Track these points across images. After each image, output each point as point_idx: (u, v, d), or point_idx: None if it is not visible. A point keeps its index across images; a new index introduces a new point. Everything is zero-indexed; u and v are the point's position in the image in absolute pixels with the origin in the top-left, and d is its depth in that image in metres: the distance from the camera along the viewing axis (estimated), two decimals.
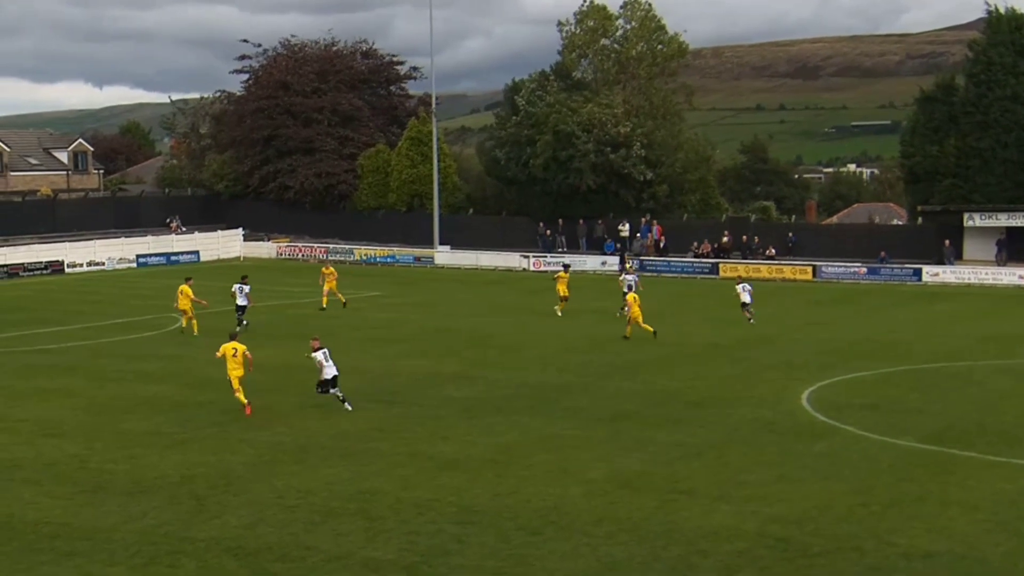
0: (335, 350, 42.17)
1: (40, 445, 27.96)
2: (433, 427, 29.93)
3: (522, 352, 42.61)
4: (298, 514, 22.35)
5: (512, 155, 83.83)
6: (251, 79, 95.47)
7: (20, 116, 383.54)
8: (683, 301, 58.80)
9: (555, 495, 23.50)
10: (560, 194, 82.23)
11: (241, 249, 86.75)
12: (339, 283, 55.76)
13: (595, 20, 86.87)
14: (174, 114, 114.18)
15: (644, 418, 31.03)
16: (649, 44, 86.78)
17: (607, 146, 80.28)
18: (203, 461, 26.31)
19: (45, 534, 21.23)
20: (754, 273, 71.16)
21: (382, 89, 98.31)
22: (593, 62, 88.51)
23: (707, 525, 21.66)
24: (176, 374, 37.94)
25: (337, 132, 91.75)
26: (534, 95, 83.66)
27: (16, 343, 45.31)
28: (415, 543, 20.70)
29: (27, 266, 73.74)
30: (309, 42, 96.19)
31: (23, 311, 55.42)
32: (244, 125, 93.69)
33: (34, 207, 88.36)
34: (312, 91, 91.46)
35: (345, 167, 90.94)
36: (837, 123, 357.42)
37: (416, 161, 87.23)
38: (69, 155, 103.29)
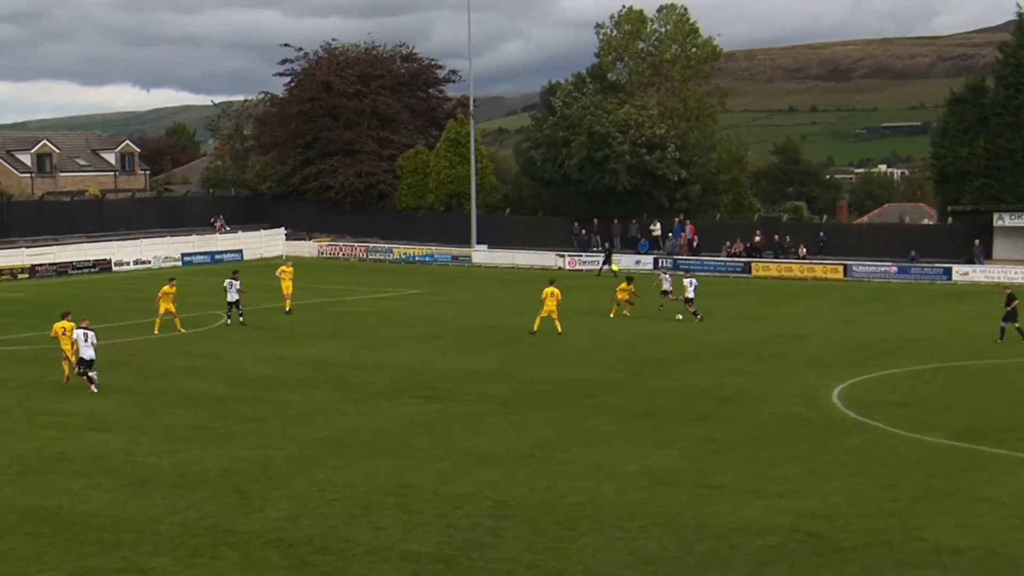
0: (373, 347, 42.87)
1: (88, 439, 28.46)
2: (470, 422, 30.29)
3: (557, 349, 42.85)
4: (338, 507, 22.67)
5: (548, 156, 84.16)
6: (293, 82, 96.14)
7: (69, 118, 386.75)
8: (716, 299, 58.86)
9: (590, 490, 23.74)
10: (595, 194, 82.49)
11: (283, 248, 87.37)
12: (369, 281, 55.82)
13: (631, 23, 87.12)
14: (218, 116, 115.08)
15: (677, 414, 31.30)
16: (683, 47, 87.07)
17: (642, 147, 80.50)
18: (245, 455, 26.72)
19: (93, 526, 21.60)
20: (785, 272, 71.41)
21: (421, 92, 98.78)
22: (628, 64, 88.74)
23: (739, 520, 21.82)
24: (219, 370, 38.45)
25: (377, 134, 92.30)
26: (570, 97, 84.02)
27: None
28: (452, 536, 20.97)
29: (75, 264, 74.59)
30: (350, 45, 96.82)
31: (72, 308, 55.87)
32: (287, 127, 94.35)
33: (82, 207, 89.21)
34: (353, 93, 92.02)
35: (385, 168, 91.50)
36: (868, 124, 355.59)
37: (454, 162, 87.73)
38: (116, 156, 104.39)
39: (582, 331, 47.55)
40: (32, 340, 45.87)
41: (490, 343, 44.59)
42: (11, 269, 72.00)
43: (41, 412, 31.67)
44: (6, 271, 71.62)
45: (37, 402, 33.16)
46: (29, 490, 24.02)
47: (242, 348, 43.45)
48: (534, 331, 46.09)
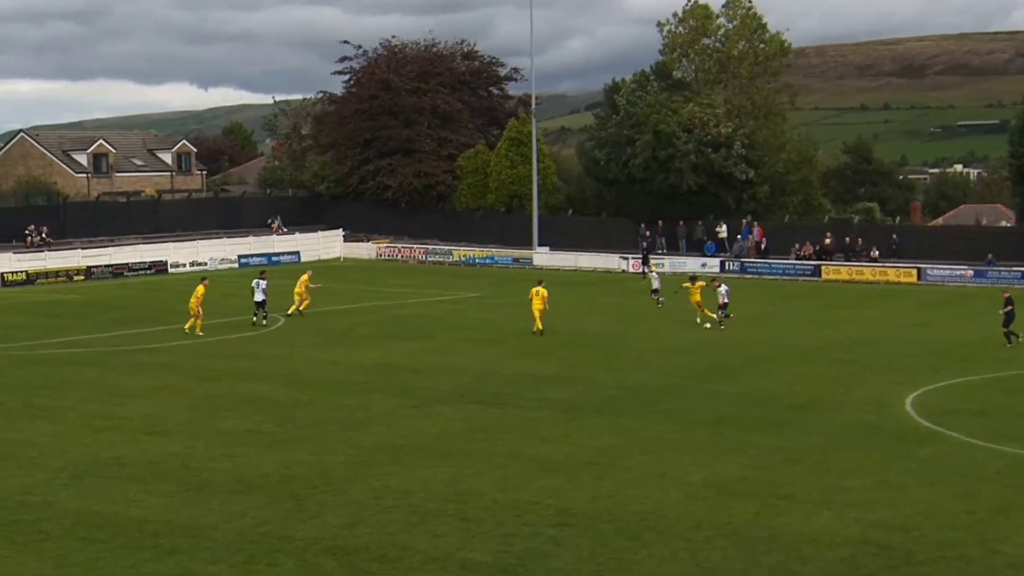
0: (433, 351, 42.58)
1: (144, 443, 28.31)
2: (532, 428, 29.90)
3: (621, 354, 42.45)
4: (396, 514, 22.39)
5: (612, 155, 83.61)
6: (352, 80, 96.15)
7: (126, 117, 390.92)
8: (784, 303, 58.25)
9: (654, 498, 23.35)
10: (660, 195, 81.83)
11: (341, 250, 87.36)
12: (429, 284, 55.74)
13: (696, 19, 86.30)
14: (276, 115, 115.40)
15: (744, 421, 30.77)
16: (751, 43, 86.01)
17: (708, 146, 79.77)
18: (302, 460, 26.48)
19: (148, 531, 21.44)
20: (857, 275, 70.36)
21: (482, 90, 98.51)
22: (694, 61, 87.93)
23: (808, 531, 21.40)
24: (276, 374, 38.25)
25: (437, 133, 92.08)
26: (634, 95, 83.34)
27: (121, 342, 46.04)
28: (512, 545, 20.65)
29: (132, 266, 74.83)
30: (410, 43, 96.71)
31: (128, 310, 56.35)
32: (345, 126, 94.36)
33: (138, 207, 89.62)
34: (413, 91, 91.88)
35: (444, 168, 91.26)
36: (943, 123, 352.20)
37: (515, 162, 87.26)
38: (173, 156, 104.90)
39: (646, 336, 47.07)
40: (88, 342, 45.99)
41: (552, 347, 44.13)
42: (67, 270, 72.31)
43: (98, 415, 31.54)
44: (62, 272, 71.92)
45: (94, 405, 33.05)
46: (84, 494, 23.87)
47: (300, 351, 43.25)
48: (540, 331, 46.53)
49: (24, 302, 60.54)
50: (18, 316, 54.91)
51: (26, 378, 37.54)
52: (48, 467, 25.98)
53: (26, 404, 33.22)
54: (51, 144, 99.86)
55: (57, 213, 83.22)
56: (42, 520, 22.08)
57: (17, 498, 23.54)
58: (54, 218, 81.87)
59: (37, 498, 23.54)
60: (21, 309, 57.66)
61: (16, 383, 36.60)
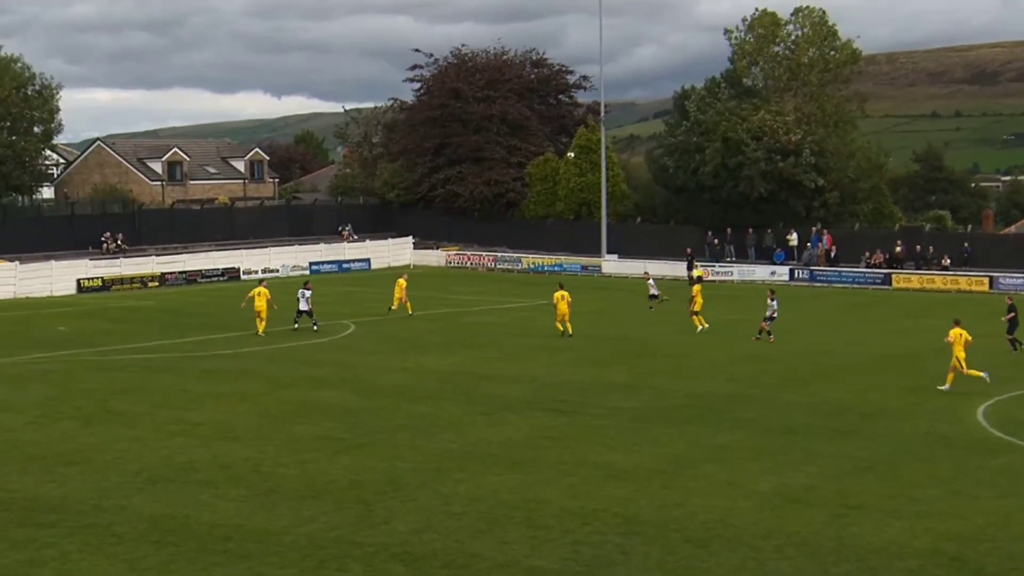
0: (502, 358, 42.65)
1: (216, 448, 28.59)
2: (600, 436, 29.85)
3: (690, 362, 42.31)
4: (464, 521, 22.45)
5: (681, 163, 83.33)
6: (422, 88, 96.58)
7: (200, 126, 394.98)
8: (855, 312, 57.81)
9: (722, 507, 23.24)
10: (729, 202, 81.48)
11: (411, 257, 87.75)
12: (498, 291, 56.01)
13: (764, 27, 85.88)
14: (347, 123, 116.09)
15: (814, 430, 30.56)
16: (821, 50, 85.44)
17: (777, 154, 79.31)
18: (372, 467, 26.60)
19: (219, 536, 21.63)
20: (928, 284, 69.67)
21: (551, 98, 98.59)
22: (763, 69, 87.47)
23: (878, 541, 21.19)
24: (347, 380, 38.46)
25: (506, 140, 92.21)
26: (704, 102, 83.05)
27: (194, 348, 46.54)
28: (579, 553, 20.62)
29: (205, 272, 75.59)
30: (480, 51, 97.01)
31: (201, 316, 56.94)
32: (415, 134, 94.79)
33: (212, 215, 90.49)
34: (482, 99, 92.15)
35: (514, 175, 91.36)
36: (1017, 130, 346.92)
37: (584, 169, 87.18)
38: (246, 164, 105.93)
39: (716, 344, 46.87)
40: (162, 348, 46.52)
41: (620, 355, 44.08)
42: (142, 277, 73.27)
43: (170, 421, 31.87)
44: (137, 279, 72.89)
45: (167, 411, 33.39)
46: (157, 499, 24.12)
47: (370, 358, 43.50)
48: (569, 334, 47.88)
49: (100, 308, 61.40)
50: (94, 322, 55.68)
51: (101, 383, 38.03)
52: (123, 471, 26.30)
53: (102, 409, 33.68)
54: (127, 152, 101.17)
55: (132, 220, 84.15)
56: (116, 524, 22.34)
57: (92, 502, 23.84)
58: (129, 225, 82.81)
59: (111, 502, 23.83)
60: (97, 315, 58.48)
61: (92, 388, 37.10)
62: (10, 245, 74.19)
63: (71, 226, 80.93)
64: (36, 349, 46.30)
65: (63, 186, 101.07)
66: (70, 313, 59.24)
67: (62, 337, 50.21)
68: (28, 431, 30.78)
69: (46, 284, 69.25)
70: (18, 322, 55.93)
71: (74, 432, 30.64)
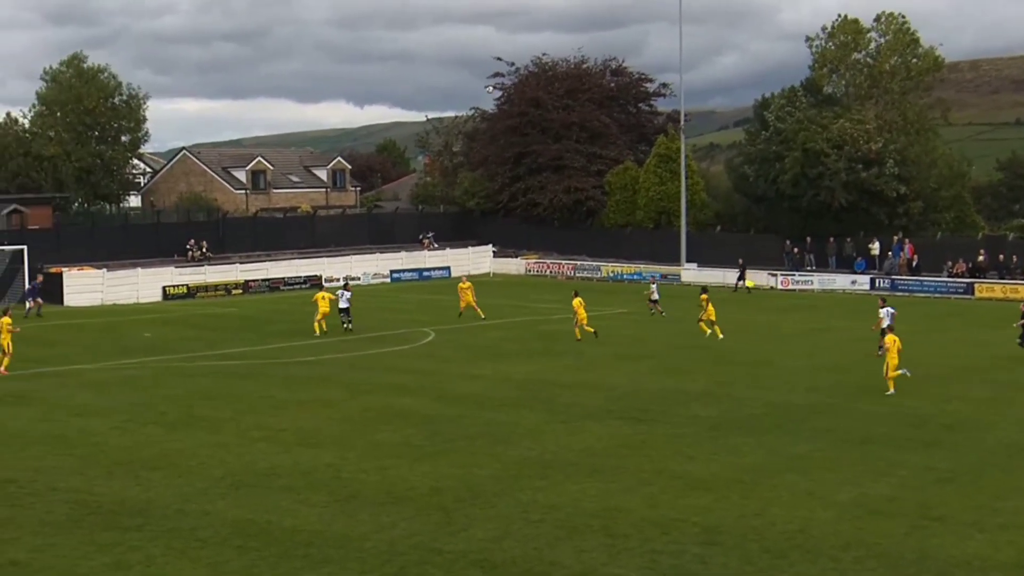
0: (581, 367, 42.72)
1: (297, 454, 28.88)
2: (679, 445, 29.80)
3: (769, 371, 42.10)
4: (542, 529, 22.50)
5: (761, 171, 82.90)
6: (503, 97, 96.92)
7: (284, 135, 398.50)
8: (937, 321, 57.23)
9: (802, 518, 23.12)
10: (809, 211, 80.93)
11: (491, 265, 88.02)
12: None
13: (846, 35, 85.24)
14: (428, 132, 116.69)
15: (895, 441, 30.30)
16: (903, 58, 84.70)
17: (858, 163, 78.64)
18: (451, 474, 26.74)
19: (300, 541, 21.84)
20: (1012, 293, 68.63)
21: (631, 106, 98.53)
22: (844, 77, 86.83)
23: (960, 554, 20.97)
24: (427, 388, 38.67)
25: (586, 149, 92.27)
26: (784, 111, 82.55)
27: (277, 354, 47.06)
28: (657, 562, 20.60)
29: (287, 280, 76.35)
30: (560, 60, 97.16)
31: (284, 323, 57.49)
32: (496, 143, 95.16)
33: (294, 223, 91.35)
34: (562, 107, 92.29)
35: (593, 184, 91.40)
36: None
37: (664, 178, 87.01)
38: (328, 173, 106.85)
39: (796, 353, 46.61)
40: (245, 355, 47.05)
41: (700, 364, 43.97)
42: (225, 284, 74.18)
43: (254, 427, 32.26)
44: (221, 286, 73.82)
45: (250, 417, 33.79)
46: (240, 504, 24.42)
47: (450, 365, 43.73)
48: (579, 338, 49.57)
49: (184, 315, 62.23)
50: (179, 329, 56.44)
51: (186, 389, 38.58)
52: (206, 476, 26.68)
53: (186, 414, 34.17)
54: (212, 161, 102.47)
55: (216, 228, 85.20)
56: (199, 528, 22.66)
57: (176, 506, 24.19)
58: (213, 233, 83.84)
59: (195, 506, 24.17)
60: (182, 322, 59.28)
61: (177, 394, 37.66)
62: (98, 253, 75.39)
63: (157, 234, 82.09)
64: (122, 355, 47.07)
65: (150, 195, 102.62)
66: (156, 320, 60.13)
67: (148, 343, 50.98)
68: (114, 436, 31.30)
69: (132, 291, 70.34)
70: (105, 329, 56.82)
71: (159, 437, 31.11)
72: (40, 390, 38.76)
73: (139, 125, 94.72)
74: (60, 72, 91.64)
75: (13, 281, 65.55)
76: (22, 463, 28.11)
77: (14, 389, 38.79)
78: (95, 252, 75.46)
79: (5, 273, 65.90)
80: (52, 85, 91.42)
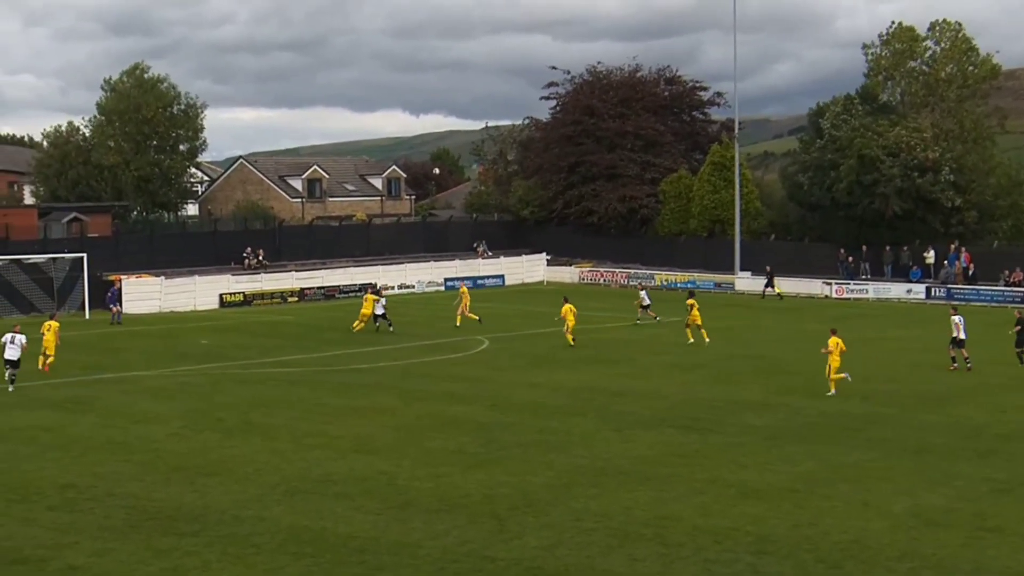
0: (634, 375, 42.67)
1: (352, 461, 29.09)
2: (732, 454, 29.77)
3: (823, 380, 41.80)
4: (595, 537, 22.55)
5: (815, 180, 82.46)
6: (558, 106, 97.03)
7: (340, 144, 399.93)
8: (993, 330, 56.50)
9: (856, 528, 23.06)
10: (864, 219, 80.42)
11: (544, 273, 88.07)
12: (630, 308, 56.03)
13: (902, 42, 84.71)
14: (483, 141, 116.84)
15: (950, 451, 30.11)
16: (959, 65, 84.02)
17: (914, 171, 78.09)
18: (504, 481, 26.85)
19: (355, 548, 22.01)
20: None
21: (685, 115, 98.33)
22: (900, 84, 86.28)
23: (1016, 566, 20.86)
24: (481, 395, 38.81)
25: (640, 157, 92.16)
26: (839, 119, 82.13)
27: (332, 362, 47.34)
28: (711, 571, 20.61)
29: (342, 288, 76.69)
30: (614, 69, 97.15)
31: (339, 331, 57.77)
32: (550, 151, 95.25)
33: (350, 231, 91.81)
34: (616, 115, 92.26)
35: (647, 192, 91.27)
36: None
37: (718, 186, 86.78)
38: (383, 181, 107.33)
39: (850, 362, 46.27)
40: (300, 362, 47.38)
41: (754, 373, 43.85)
42: (281, 292, 74.68)
43: (310, 434, 32.50)
44: (277, 294, 74.33)
45: (306, 424, 34.04)
46: (295, 510, 24.64)
47: (504, 374, 43.85)
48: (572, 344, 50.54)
49: (241, 323, 62.72)
50: (235, 336, 56.92)
51: (242, 396, 38.94)
52: (262, 483, 26.93)
53: (242, 421, 34.50)
54: (268, 170, 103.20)
55: (273, 236, 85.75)
56: (255, 534, 22.90)
57: (232, 512, 24.46)
58: (270, 241, 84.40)
59: (251, 512, 24.43)
60: (238, 329, 59.76)
61: (233, 401, 38.02)
62: (156, 261, 76.24)
63: (214, 242, 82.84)
64: (180, 362, 47.52)
65: (207, 203, 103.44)
66: (212, 327, 60.62)
67: (204, 351, 51.44)
68: (171, 442, 31.67)
69: (190, 299, 70.94)
70: (163, 336, 57.37)
71: (215, 444, 31.45)
72: (100, 396, 39.23)
73: (197, 134, 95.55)
74: (120, 82, 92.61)
75: (73, 288, 66.34)
76: (82, 468, 28.52)
77: (75, 395, 39.32)
78: (153, 260, 76.31)
79: (65, 281, 66.68)
80: (112, 95, 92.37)
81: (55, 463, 29.15)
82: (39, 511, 24.76)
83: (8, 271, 65.99)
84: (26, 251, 69.65)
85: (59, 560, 21.45)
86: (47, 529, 23.41)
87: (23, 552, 21.93)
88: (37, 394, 39.72)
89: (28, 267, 66.58)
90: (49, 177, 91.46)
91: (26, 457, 29.93)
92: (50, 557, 21.62)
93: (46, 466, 28.85)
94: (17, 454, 30.33)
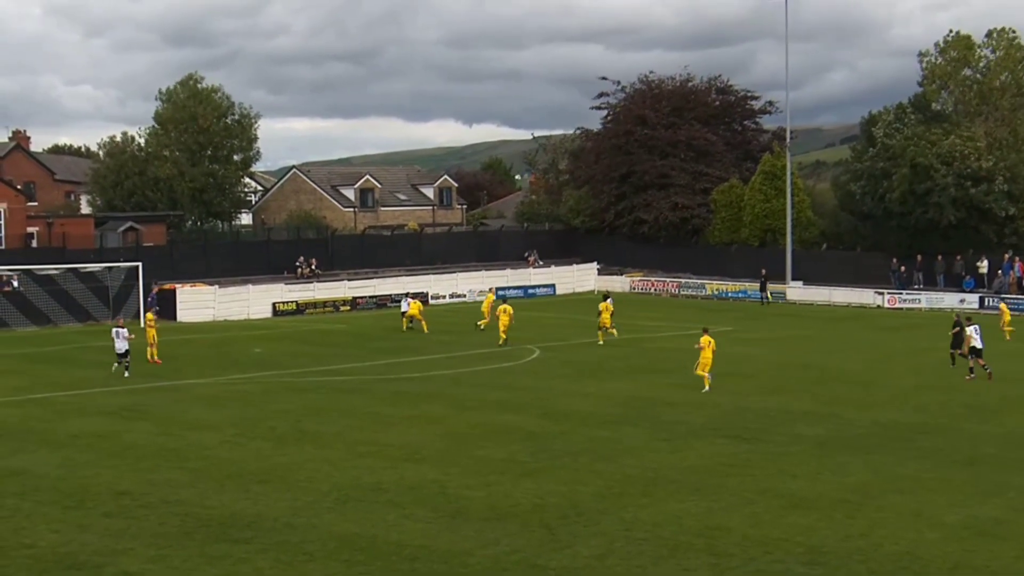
0: (685, 385, 42.55)
1: (403, 469, 29.20)
2: (783, 464, 29.67)
3: (876, 390, 41.70)
4: (645, 547, 22.55)
5: (868, 189, 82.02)
6: (609, 115, 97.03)
7: (392, 154, 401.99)
8: None
9: (908, 539, 22.93)
10: (917, 229, 79.87)
11: (595, 283, 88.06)
12: (681, 317, 56.07)
13: (957, 50, 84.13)
14: (535, 150, 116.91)
15: (1004, 462, 29.88)
16: (1014, 74, 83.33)
17: (967, 180, 77.50)
18: (555, 491, 26.88)
19: (405, 556, 22.10)
20: None
21: (736, 124, 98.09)
22: (954, 93, 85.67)
23: None
24: (532, 404, 38.88)
25: (691, 166, 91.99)
26: (892, 127, 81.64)
27: (384, 370, 47.57)
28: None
29: (394, 297, 77.00)
30: (666, 78, 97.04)
31: (391, 340, 58.10)
32: (601, 161, 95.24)
33: (402, 241, 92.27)
34: (668, 125, 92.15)
35: (699, 201, 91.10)
36: None
37: (769, 196, 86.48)
38: (435, 191, 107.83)
39: (903, 372, 46.11)
40: (352, 371, 47.62)
41: (804, 382, 43.70)
42: (334, 301, 75.17)
43: (361, 442, 32.68)
44: (329, 303, 74.84)
45: (358, 432, 34.23)
46: (346, 518, 24.78)
47: (553, 382, 43.90)
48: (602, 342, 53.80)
49: (294, 331, 63.13)
50: (288, 344, 57.30)
51: (294, 404, 39.20)
52: (314, 490, 27.10)
53: (295, 429, 34.72)
54: (321, 179, 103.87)
55: (325, 246, 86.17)
56: (307, 541, 23.05)
57: (285, 519, 24.63)
58: (322, 250, 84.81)
59: (303, 520, 24.59)
60: (291, 338, 60.16)
61: (286, 409, 38.29)
62: (210, 270, 76.90)
63: (267, 251, 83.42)
64: (233, 370, 47.94)
65: (260, 212, 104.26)
66: (265, 336, 61.10)
67: (258, 359, 51.85)
68: (224, 450, 31.95)
69: (243, 307, 71.51)
70: (216, 344, 57.85)
71: (268, 451, 31.67)
72: (155, 404, 39.65)
73: (251, 144, 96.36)
74: (175, 92, 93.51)
75: (128, 297, 67.04)
76: (137, 475, 28.84)
77: (131, 403, 39.74)
78: (207, 269, 76.96)
79: (121, 289, 67.41)
80: (168, 105, 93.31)
81: (111, 470, 29.49)
82: (94, 517, 25.06)
83: (65, 279, 66.83)
84: (82, 260, 70.54)
85: (114, 566, 21.70)
86: (102, 535, 23.68)
87: (79, 558, 22.21)
88: (93, 401, 40.22)
89: (84, 276, 67.41)
90: (105, 187, 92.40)
91: (82, 464, 30.30)
92: (105, 563, 21.87)
93: (101, 473, 29.18)
94: (74, 461, 30.71)
